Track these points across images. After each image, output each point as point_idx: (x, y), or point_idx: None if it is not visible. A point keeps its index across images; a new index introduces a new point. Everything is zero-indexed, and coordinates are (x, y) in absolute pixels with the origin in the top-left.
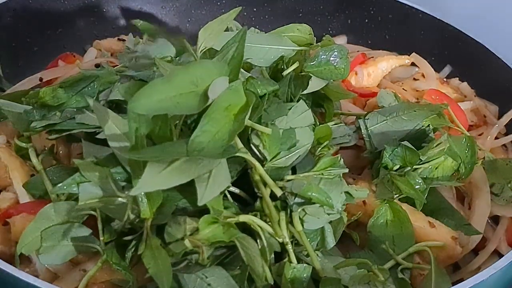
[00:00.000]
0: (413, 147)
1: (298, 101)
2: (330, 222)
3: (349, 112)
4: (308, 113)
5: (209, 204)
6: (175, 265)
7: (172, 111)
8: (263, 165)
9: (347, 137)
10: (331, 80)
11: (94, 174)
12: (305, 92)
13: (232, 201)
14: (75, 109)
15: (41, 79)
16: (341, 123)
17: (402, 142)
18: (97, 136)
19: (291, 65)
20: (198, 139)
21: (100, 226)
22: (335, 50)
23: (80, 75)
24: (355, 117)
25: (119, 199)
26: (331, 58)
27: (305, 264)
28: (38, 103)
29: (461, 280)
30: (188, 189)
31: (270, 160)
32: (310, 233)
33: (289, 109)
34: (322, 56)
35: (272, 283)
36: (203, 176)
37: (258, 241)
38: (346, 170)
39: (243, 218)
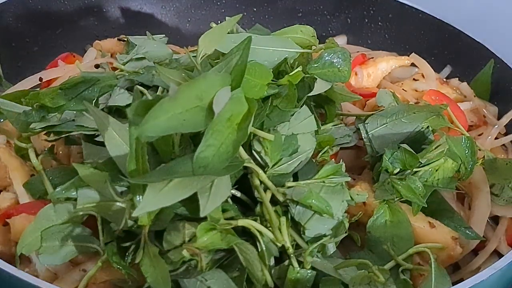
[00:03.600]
0: (412, 150)
1: (302, 104)
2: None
3: (349, 112)
4: (311, 119)
5: None
6: (175, 270)
7: (180, 129)
8: (264, 172)
9: (347, 138)
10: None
11: (93, 179)
12: (310, 94)
13: (231, 203)
14: (74, 112)
15: (41, 79)
16: (341, 123)
17: (401, 145)
18: (96, 139)
19: (295, 68)
20: (203, 154)
21: (100, 226)
22: (339, 52)
23: (80, 78)
24: (355, 117)
25: (118, 204)
26: (335, 60)
27: (308, 270)
28: (37, 105)
29: (461, 280)
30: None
31: (272, 166)
32: (311, 238)
33: (292, 114)
34: (326, 58)
35: (272, 286)
36: (205, 187)
37: (257, 244)
38: (348, 179)
39: (242, 222)
